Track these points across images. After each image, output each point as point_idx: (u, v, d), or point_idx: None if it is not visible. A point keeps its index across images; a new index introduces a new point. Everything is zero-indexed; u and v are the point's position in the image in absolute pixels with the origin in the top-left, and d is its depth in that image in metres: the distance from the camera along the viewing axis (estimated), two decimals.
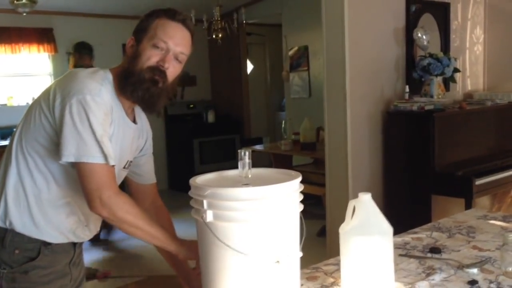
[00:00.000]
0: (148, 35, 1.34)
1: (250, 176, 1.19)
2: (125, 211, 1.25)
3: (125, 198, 1.27)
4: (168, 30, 1.34)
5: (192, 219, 1.16)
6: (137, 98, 1.36)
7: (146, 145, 1.55)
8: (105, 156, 1.24)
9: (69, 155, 1.23)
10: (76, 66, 4.41)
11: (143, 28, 1.36)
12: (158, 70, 1.34)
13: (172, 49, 1.34)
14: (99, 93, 1.27)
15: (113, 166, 1.28)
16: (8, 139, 3.92)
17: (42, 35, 5.70)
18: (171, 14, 1.36)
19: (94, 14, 5.95)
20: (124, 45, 1.43)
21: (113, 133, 1.33)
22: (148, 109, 1.42)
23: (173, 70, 1.37)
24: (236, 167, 1.21)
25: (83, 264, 1.57)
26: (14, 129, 1.42)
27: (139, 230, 1.27)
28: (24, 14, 4.87)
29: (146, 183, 1.58)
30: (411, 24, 3.60)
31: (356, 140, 3.33)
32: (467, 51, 4.18)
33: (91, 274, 3.69)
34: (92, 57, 4.45)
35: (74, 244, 1.46)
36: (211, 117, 6.86)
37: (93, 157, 1.23)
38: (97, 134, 1.24)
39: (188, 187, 1.18)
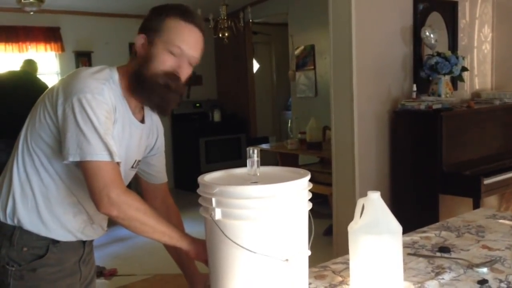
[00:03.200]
0: (161, 37, 1.30)
1: (258, 174, 1.18)
2: (135, 208, 1.22)
3: (133, 195, 1.25)
4: (182, 35, 1.30)
5: (198, 218, 1.16)
6: (153, 104, 1.35)
7: (157, 143, 1.53)
8: (110, 154, 1.22)
9: (73, 154, 1.21)
10: None
11: (154, 27, 1.32)
12: (173, 76, 1.31)
13: (186, 54, 1.32)
14: (101, 92, 1.26)
15: (118, 163, 1.26)
16: None
17: (49, 34, 5.72)
18: (182, 13, 1.31)
19: (101, 13, 5.97)
20: (130, 44, 1.41)
21: (117, 132, 1.31)
22: (160, 113, 1.42)
23: (186, 74, 1.35)
24: (241, 166, 1.20)
25: (94, 262, 1.56)
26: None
27: (150, 228, 1.24)
28: (31, 13, 4.89)
29: (157, 183, 1.57)
30: (418, 22, 3.58)
31: (363, 139, 3.32)
32: (475, 50, 4.16)
33: (98, 272, 3.70)
34: None
35: (83, 242, 1.45)
36: (217, 117, 6.87)
37: (98, 155, 1.21)
38: (100, 132, 1.21)
39: (193, 186, 1.17)
